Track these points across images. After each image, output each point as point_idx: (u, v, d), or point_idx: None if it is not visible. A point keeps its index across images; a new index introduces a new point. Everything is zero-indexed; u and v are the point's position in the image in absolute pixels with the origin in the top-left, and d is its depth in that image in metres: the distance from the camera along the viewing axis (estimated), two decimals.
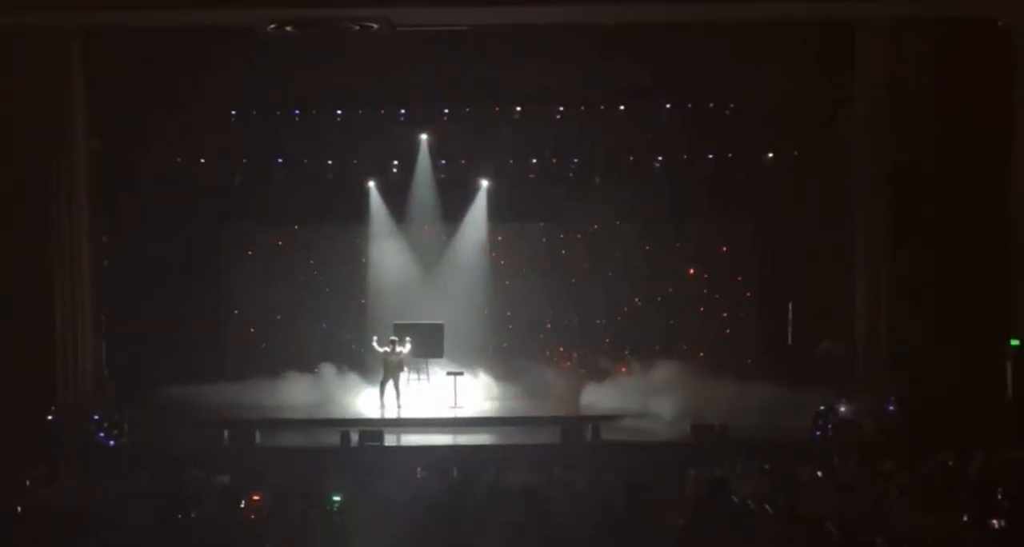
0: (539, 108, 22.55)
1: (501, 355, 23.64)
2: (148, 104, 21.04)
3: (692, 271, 23.84)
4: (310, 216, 23.07)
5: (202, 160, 22.61)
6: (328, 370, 22.14)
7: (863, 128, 20.28)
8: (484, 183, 23.40)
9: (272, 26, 17.78)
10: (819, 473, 13.88)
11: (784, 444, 16.86)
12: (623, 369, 22.57)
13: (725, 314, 23.62)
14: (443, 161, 23.11)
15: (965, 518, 11.03)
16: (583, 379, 22.23)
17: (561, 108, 22.58)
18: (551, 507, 10.98)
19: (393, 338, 21.48)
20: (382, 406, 21.14)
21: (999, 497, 11.61)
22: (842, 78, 20.47)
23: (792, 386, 19.60)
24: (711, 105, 22.45)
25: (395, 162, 23.21)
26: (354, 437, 17.78)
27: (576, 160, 22.86)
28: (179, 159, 22.32)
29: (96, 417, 18.68)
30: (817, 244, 21.59)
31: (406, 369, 21.66)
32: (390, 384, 21.28)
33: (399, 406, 21.21)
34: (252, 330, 23.81)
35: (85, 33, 19.77)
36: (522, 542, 10.22)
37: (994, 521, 10.84)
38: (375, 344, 21.59)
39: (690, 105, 22.51)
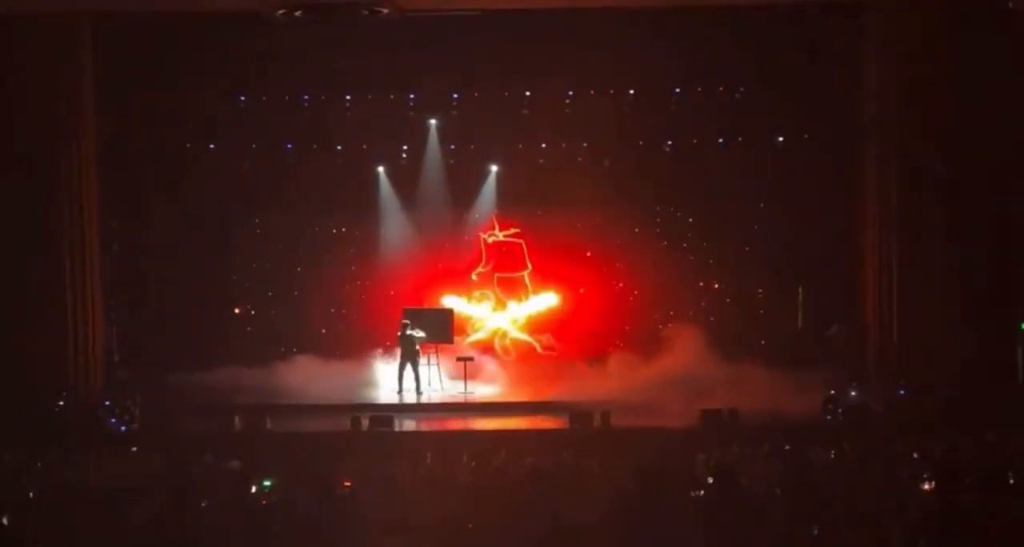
0: (549, 92, 22.49)
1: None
2: (157, 90, 21.02)
3: (702, 254, 23.75)
4: (319, 202, 23.02)
5: (211, 146, 22.61)
6: (337, 355, 22.14)
7: (873, 111, 20.23)
8: (494, 168, 23.37)
9: (281, 11, 17.75)
10: (829, 456, 13.88)
11: (794, 428, 16.85)
12: (632, 353, 22.51)
13: (735, 298, 23.51)
14: (452, 146, 23.09)
15: (975, 500, 11.02)
16: (591, 364, 22.17)
17: (571, 92, 22.53)
18: (560, 492, 11.00)
19: (406, 322, 21.38)
20: (400, 391, 21.09)
21: (1010, 480, 11.61)
22: (851, 60, 20.40)
23: (802, 369, 19.58)
24: (721, 89, 22.38)
25: (404, 147, 23.19)
26: (365, 422, 17.84)
27: (586, 144, 22.82)
28: (188, 145, 22.33)
29: (107, 403, 18.72)
30: (827, 227, 21.55)
31: (421, 353, 21.44)
32: (408, 368, 21.17)
33: (419, 391, 21.15)
34: (262, 315, 23.78)
35: (94, 19, 19.79)
36: (531, 527, 10.23)
37: (1004, 503, 10.84)
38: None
39: (700, 89, 22.43)
